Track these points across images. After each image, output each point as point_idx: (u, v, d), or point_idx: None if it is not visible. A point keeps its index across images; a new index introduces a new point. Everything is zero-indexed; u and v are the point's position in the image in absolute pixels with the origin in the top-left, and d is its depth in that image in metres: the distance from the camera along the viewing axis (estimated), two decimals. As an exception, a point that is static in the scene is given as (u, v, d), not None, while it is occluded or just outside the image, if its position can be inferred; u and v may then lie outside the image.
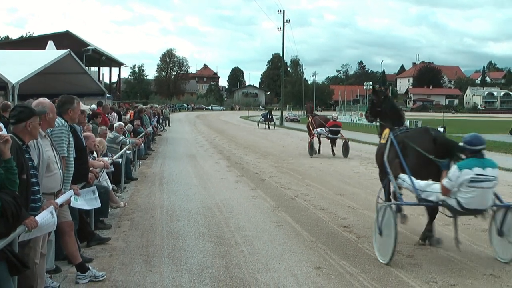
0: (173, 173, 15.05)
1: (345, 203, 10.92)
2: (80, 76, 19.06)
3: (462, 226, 8.83)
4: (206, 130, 40.92)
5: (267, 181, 13.90)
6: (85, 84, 19.72)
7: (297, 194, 11.86)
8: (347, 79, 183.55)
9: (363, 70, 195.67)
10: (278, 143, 28.84)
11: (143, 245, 7.47)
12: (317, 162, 19.00)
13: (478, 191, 6.73)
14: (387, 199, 8.02)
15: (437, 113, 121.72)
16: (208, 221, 9.07)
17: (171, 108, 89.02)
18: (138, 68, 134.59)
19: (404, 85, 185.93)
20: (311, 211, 10.05)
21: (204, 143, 26.75)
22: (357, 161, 19.70)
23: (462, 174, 6.65)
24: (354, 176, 15.34)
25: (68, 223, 5.91)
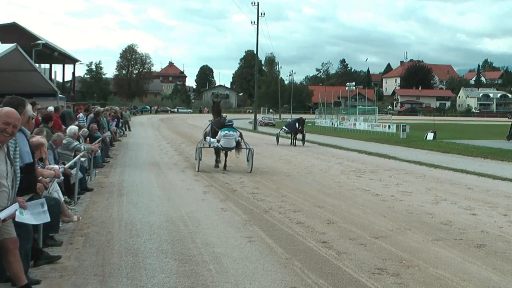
0: (133, 183, 14.96)
1: (324, 216, 10.98)
2: (28, 73, 18.81)
3: (454, 241, 8.97)
4: (171, 135, 40.78)
5: (238, 192, 13.92)
6: (34, 83, 19.49)
7: (271, 206, 11.89)
8: (328, 79, 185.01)
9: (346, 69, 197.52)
10: (251, 149, 28.85)
11: (99, 264, 7.40)
12: (294, 171, 19.09)
13: (226, 139, 18.21)
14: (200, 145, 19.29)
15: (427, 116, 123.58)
16: (172, 236, 9.03)
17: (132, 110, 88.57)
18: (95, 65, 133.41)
19: (391, 85, 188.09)
20: (287, 225, 10.09)
21: (168, 150, 26.65)
22: (338, 170, 19.85)
23: (221, 133, 18.26)
24: (335, 186, 15.45)
25: (12, 240, 5.81)
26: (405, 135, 43.05)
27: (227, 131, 18.29)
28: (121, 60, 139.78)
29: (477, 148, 30.24)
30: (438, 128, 44.91)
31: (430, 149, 31.03)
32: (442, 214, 11.42)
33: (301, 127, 32.26)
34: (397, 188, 15.25)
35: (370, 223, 10.30)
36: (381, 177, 17.92)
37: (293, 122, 33.57)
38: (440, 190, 15.16)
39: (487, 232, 9.74)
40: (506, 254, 8.30)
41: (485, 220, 10.89)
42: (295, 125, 32.68)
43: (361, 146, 32.26)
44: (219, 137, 18.35)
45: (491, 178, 18.10)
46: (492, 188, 15.63)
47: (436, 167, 21.20)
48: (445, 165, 21.70)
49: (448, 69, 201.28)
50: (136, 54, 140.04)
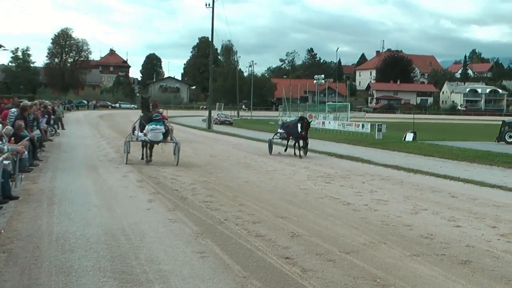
0: (67, 190, 14.76)
1: (288, 228, 11.02)
2: None
3: (435, 257, 9.10)
4: (112, 134, 40.42)
5: (189, 200, 13.87)
6: None
7: (227, 217, 11.87)
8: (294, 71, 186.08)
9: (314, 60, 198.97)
10: (204, 151, 28.85)
11: (24, 285, 7.29)
12: (254, 176, 19.13)
13: (154, 133, 21.26)
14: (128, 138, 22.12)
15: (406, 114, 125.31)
16: (112, 252, 8.94)
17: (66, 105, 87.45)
18: (22, 52, 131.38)
19: (365, 79, 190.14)
20: (245, 238, 10.08)
21: (109, 151, 26.40)
22: (304, 175, 19.97)
23: (148, 127, 21.34)
24: (300, 194, 15.52)
25: None
26: (381, 135, 43.60)
27: (154, 125, 21.57)
28: (53, 47, 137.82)
29: (462, 151, 30.79)
30: (419, 128, 45.63)
31: (409, 151, 31.47)
32: (422, 226, 11.58)
33: (304, 132, 26.88)
34: (371, 196, 15.40)
35: (340, 236, 10.37)
36: (353, 183, 18.09)
37: (294, 124, 27.98)
38: (420, 198, 15.36)
39: (473, 247, 9.90)
40: (495, 272, 8.46)
41: (471, 233, 11.07)
42: (296, 128, 27.18)
43: (331, 148, 32.52)
44: (146, 131, 21.50)
45: (478, 185, 18.43)
46: (479, 197, 15.90)
47: (416, 172, 21.49)
48: (426, 170, 22.02)
49: (430, 61, 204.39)
50: (71, 40, 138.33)
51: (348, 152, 29.71)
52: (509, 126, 41.80)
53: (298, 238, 10.20)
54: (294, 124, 27.97)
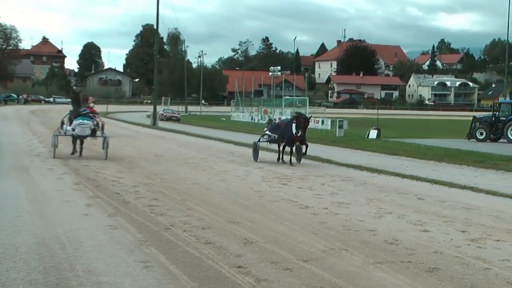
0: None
1: (241, 233, 11.03)
2: None
3: (400, 264, 9.20)
4: (46, 131, 39.83)
5: (131, 204, 13.80)
6: None
7: (174, 222, 11.83)
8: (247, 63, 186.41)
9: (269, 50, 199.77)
10: (148, 150, 28.73)
11: None
12: (203, 178, 19.10)
13: (81, 128, 23.09)
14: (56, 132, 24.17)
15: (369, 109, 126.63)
16: (45, 262, 8.82)
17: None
18: None
19: (326, 71, 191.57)
20: (193, 245, 10.06)
21: (41, 150, 26.06)
22: (259, 176, 20.05)
23: (75, 122, 23.29)
24: (254, 197, 15.57)
25: None
26: (342, 132, 43.89)
27: (81, 120, 23.51)
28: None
29: (430, 149, 31.20)
30: (383, 125, 46.13)
31: (373, 150, 31.79)
32: (386, 230, 11.71)
33: (301, 132, 23.74)
34: (331, 199, 15.52)
35: (297, 243, 10.42)
36: (312, 184, 18.22)
37: (288, 123, 24.84)
38: (384, 201, 15.54)
39: (442, 253, 10.04)
40: (464, 280, 8.58)
41: (439, 238, 11.22)
42: (290, 128, 23.99)
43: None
44: (73, 126, 23.41)
45: (447, 186, 18.70)
46: (448, 199, 16.13)
47: (380, 173, 21.72)
48: (391, 170, 22.27)
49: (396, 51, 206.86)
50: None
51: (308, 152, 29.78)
52: (480, 122, 42.44)
53: (251, 245, 10.21)
54: (287, 123, 24.71)
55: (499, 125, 41.33)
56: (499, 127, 41.31)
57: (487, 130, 41.49)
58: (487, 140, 40.66)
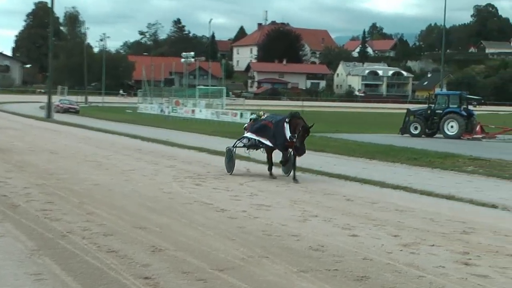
0: None
1: (148, 241, 10.98)
2: None
3: (326, 273, 9.29)
4: None
5: (21, 208, 13.60)
6: None
7: (72, 229, 11.70)
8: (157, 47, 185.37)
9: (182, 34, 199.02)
10: (42, 146, 28.33)
11: None
12: (106, 177, 18.96)
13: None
14: None
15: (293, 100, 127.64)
16: None
17: None
18: None
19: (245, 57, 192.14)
20: (93, 254, 9.97)
21: None
22: (169, 175, 20.00)
23: None
24: (164, 199, 15.55)
25: None
26: (264, 127, 44.09)
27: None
28: None
29: (360, 146, 31.65)
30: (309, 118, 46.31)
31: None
32: (311, 235, 11.83)
33: (299, 141, 19.86)
34: (251, 201, 15.62)
35: (212, 250, 10.43)
36: (229, 185, 18.29)
37: (278, 123, 20.63)
38: (309, 202, 15.72)
39: (371, 260, 10.21)
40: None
41: (369, 243, 11.41)
42: (282, 130, 20.22)
43: (203, 142, 32.60)
44: None
45: (379, 186, 19.01)
46: (380, 200, 16.40)
47: (305, 172, 21.88)
48: (317, 169, 22.48)
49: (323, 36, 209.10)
50: None
51: (223, 147, 29.69)
52: (414, 116, 43.30)
53: (160, 253, 10.18)
54: (278, 123, 20.70)
55: (435, 119, 42.26)
56: (435, 121, 42.25)
57: (422, 125, 42.36)
58: (422, 135, 41.58)
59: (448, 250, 10.90)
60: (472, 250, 10.90)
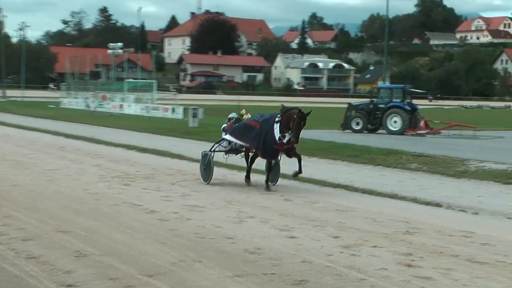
0: None
1: (72, 245, 10.91)
2: None
3: (263, 277, 9.32)
4: None
5: None
6: None
7: (-13, 233, 11.55)
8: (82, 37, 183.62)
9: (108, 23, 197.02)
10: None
11: None
12: (26, 177, 18.81)
13: None
14: None
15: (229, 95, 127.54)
16: None
17: None
18: None
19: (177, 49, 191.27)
20: (11, 261, 9.88)
21: None
22: (95, 175, 19.91)
23: None
24: (89, 200, 15.46)
25: None
26: (197, 122, 44.02)
27: None
28: None
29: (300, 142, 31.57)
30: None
31: (233, 143, 32.02)
32: (247, 238, 11.90)
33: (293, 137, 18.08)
34: (183, 201, 15.63)
35: (141, 254, 10.40)
36: (160, 185, 18.28)
37: (267, 122, 18.62)
38: (245, 203, 15.83)
39: (311, 262, 10.29)
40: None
41: (308, 245, 11.50)
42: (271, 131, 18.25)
43: (131, 140, 32.45)
44: None
45: (319, 184, 19.19)
46: (320, 199, 16.55)
47: (241, 170, 21.84)
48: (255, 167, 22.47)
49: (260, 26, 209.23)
50: None
51: (154, 145, 29.76)
52: (356, 111, 43.49)
53: (85, 259, 10.11)
54: (266, 122, 18.62)
55: (377, 114, 42.54)
56: (378, 116, 42.53)
57: (364, 120, 42.57)
58: (364, 131, 41.78)
59: (390, 252, 11.06)
60: (416, 251, 11.09)
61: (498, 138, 39.43)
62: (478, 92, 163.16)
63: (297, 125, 17.82)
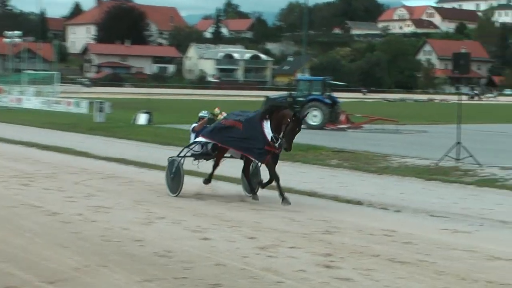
0: None
1: (-35, 251, 10.72)
2: None
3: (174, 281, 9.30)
4: None
5: None
6: None
7: None
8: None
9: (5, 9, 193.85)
10: None
11: None
12: None
13: None
14: None
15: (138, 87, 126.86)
16: None
17: None
18: None
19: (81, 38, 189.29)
20: None
21: None
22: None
23: None
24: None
25: None
26: (103, 117, 43.70)
27: None
28: None
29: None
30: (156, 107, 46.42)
31: (143, 139, 31.88)
32: (157, 240, 11.87)
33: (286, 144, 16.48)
34: (87, 202, 15.49)
35: (41, 260, 10.28)
36: (62, 184, 18.11)
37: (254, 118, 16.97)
38: (156, 203, 15.79)
39: (225, 265, 10.31)
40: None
41: (223, 247, 11.53)
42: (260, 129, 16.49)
43: (31, 136, 31.99)
44: None
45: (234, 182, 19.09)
46: (235, 198, 16.64)
47: (152, 168, 21.91)
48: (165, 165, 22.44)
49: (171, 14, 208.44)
50: None
51: (56, 141, 29.44)
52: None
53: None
54: (251, 121, 16.89)
55: (296, 107, 42.77)
56: (297, 109, 42.79)
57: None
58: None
59: (309, 252, 11.15)
60: (335, 251, 11.21)
61: (421, 133, 40.10)
62: (401, 85, 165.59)
63: (291, 131, 16.34)
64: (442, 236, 12.82)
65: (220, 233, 12.55)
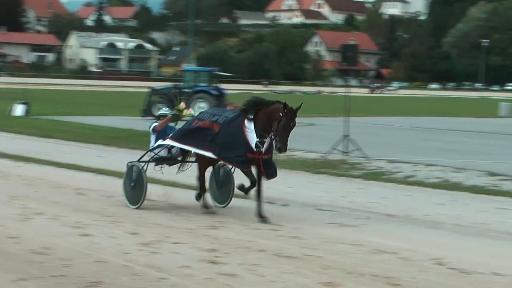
0: None
1: None
2: None
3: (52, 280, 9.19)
4: None
5: None
6: None
7: None
8: None
9: None
10: None
11: None
12: None
13: None
14: None
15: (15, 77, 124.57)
16: None
17: None
18: None
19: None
20: None
21: None
22: None
23: None
24: None
25: None
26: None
27: None
28: None
29: (96, 130, 31.57)
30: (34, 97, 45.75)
31: (19, 131, 31.45)
32: (34, 237, 11.72)
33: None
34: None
35: None
36: None
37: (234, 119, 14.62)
38: (33, 198, 15.60)
39: (106, 262, 10.26)
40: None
41: (104, 243, 11.48)
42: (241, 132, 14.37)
43: None
44: None
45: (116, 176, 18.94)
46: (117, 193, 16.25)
47: (29, 161, 21.61)
48: (44, 158, 22.22)
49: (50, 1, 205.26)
50: None
51: None
52: (159, 95, 43.46)
53: None
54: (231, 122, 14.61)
55: (182, 99, 42.64)
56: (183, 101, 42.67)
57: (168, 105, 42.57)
58: (168, 118, 41.76)
59: (194, 248, 11.19)
60: (221, 247, 11.27)
61: (309, 125, 40.41)
62: (289, 77, 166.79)
63: (285, 127, 14.01)
64: (329, 230, 13.03)
65: (102, 229, 12.47)
